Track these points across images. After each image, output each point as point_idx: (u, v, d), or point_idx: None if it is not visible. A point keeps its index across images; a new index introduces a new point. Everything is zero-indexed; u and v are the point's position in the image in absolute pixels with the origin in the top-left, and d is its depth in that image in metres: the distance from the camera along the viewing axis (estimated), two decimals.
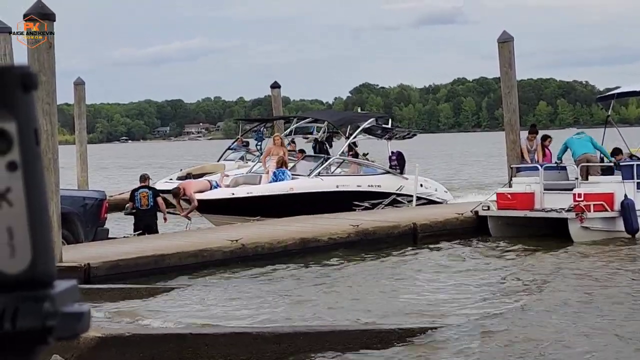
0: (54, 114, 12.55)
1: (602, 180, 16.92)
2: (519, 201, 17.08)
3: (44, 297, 0.95)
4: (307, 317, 10.42)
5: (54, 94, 12.55)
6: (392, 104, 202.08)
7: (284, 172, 19.83)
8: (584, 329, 9.63)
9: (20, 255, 0.96)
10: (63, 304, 0.95)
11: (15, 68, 0.97)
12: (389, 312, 10.64)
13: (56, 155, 12.41)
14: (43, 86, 12.11)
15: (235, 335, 8.53)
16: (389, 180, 20.80)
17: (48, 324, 0.94)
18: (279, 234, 15.51)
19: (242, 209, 18.77)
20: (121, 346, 7.97)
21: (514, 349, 8.89)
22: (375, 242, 15.97)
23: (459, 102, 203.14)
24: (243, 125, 32.73)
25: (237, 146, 28.88)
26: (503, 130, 19.89)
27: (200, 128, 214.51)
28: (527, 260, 14.75)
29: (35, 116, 0.98)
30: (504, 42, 19.30)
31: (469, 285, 12.49)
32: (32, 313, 0.94)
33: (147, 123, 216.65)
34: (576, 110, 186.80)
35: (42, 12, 12.36)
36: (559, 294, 11.68)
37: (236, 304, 11.36)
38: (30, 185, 0.96)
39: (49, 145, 12.12)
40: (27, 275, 0.95)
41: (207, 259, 14.02)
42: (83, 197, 15.94)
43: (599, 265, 13.93)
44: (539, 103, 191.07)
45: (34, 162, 0.97)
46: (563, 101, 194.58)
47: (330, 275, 13.41)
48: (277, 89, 29.39)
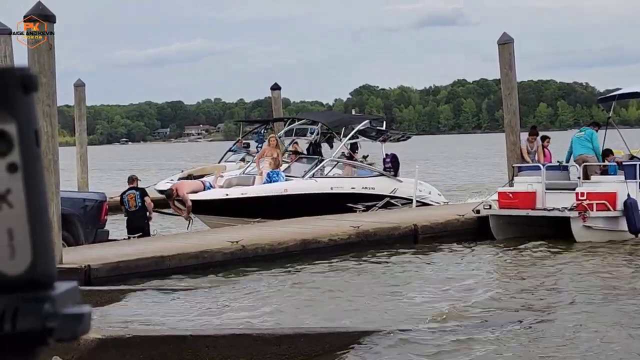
0: (55, 115, 12.55)
1: (605, 179, 16.90)
2: (521, 200, 17.08)
3: (44, 299, 0.95)
4: (308, 319, 10.41)
5: (55, 96, 12.55)
6: (392, 106, 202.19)
7: (278, 173, 19.80)
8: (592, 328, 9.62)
9: (21, 256, 0.96)
10: (63, 306, 0.95)
11: (15, 69, 0.97)
12: (389, 314, 10.63)
13: (56, 156, 12.41)
14: (43, 88, 12.12)
15: (236, 337, 8.53)
16: (383, 183, 20.75)
17: (48, 325, 0.94)
18: (279, 236, 15.50)
19: (236, 210, 18.72)
20: (121, 347, 7.97)
21: (520, 350, 8.89)
22: (375, 244, 15.96)
23: (459, 103, 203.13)
24: (243, 127, 32.76)
25: (237, 148, 28.89)
26: (503, 132, 19.89)
27: (200, 129, 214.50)
28: (528, 260, 14.74)
29: (36, 117, 0.98)
30: (504, 44, 19.31)
31: (470, 286, 12.47)
32: (32, 314, 0.94)
33: (148, 124, 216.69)
34: (576, 112, 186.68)
35: (42, 14, 12.37)
36: (563, 294, 11.68)
37: (236, 306, 11.35)
38: (31, 187, 0.96)
39: (50, 146, 12.12)
40: (27, 277, 0.95)
41: (207, 260, 14.01)
42: (83, 199, 15.96)
43: (603, 265, 13.95)
44: (539, 104, 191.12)
45: (34, 164, 0.97)
46: (563, 103, 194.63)
47: (331, 277, 13.40)
48: (278, 91, 29.41)
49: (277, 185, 19.50)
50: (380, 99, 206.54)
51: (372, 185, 20.58)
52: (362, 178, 20.86)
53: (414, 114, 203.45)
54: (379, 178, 20.88)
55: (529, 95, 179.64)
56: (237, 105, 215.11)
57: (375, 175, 20.99)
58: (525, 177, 17.71)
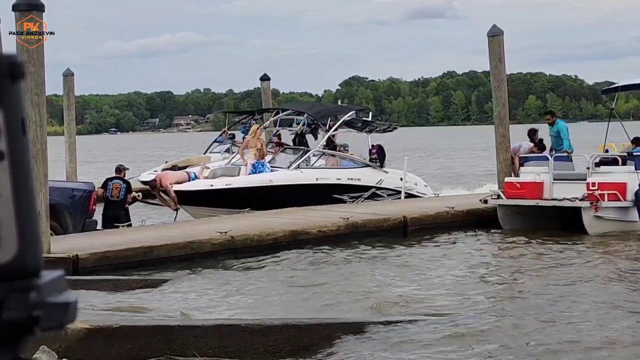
0: (43, 104, 12.51)
1: (615, 170, 16.83)
2: (528, 190, 17.12)
3: (31, 287, 0.94)
4: (296, 310, 10.42)
5: (43, 85, 12.50)
6: (382, 97, 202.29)
7: (263, 164, 19.73)
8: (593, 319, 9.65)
9: (7, 245, 0.95)
10: (49, 294, 0.95)
11: (2, 57, 0.96)
12: (378, 305, 10.65)
13: (45, 146, 12.37)
14: (32, 77, 12.07)
15: (224, 327, 8.52)
16: (368, 174, 20.69)
17: (34, 314, 0.93)
18: (268, 226, 15.49)
19: (221, 200, 18.67)
20: (109, 338, 7.96)
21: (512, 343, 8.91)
22: (365, 235, 15.97)
23: (448, 95, 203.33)
24: (231, 117, 32.68)
25: (223, 139, 28.84)
26: (492, 124, 19.91)
27: (189, 120, 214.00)
28: (521, 252, 14.76)
29: (23, 106, 0.98)
30: (494, 36, 19.31)
31: (460, 277, 12.50)
32: (19, 303, 0.93)
33: (136, 114, 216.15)
34: (565, 104, 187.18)
35: (31, 3, 12.31)
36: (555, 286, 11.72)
37: (225, 296, 11.36)
38: (17, 176, 0.96)
39: (38, 136, 12.09)
40: (13, 266, 0.95)
41: (196, 250, 14.00)
42: (72, 189, 15.91)
43: (618, 255, 14.04)
44: (528, 97, 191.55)
45: (21, 152, 0.96)
46: (552, 95, 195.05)
47: (320, 268, 13.40)
48: (267, 82, 29.32)
49: (262, 176, 19.43)
50: (370, 90, 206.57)
51: (358, 176, 20.53)
52: (348, 169, 20.78)
53: (403, 105, 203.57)
54: (364, 169, 20.81)
55: (519, 88, 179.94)
56: (227, 96, 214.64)
57: (361, 166, 20.92)
58: (532, 167, 17.76)
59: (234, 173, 20.03)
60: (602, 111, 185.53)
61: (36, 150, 11.80)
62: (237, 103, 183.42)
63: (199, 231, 14.99)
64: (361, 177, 20.55)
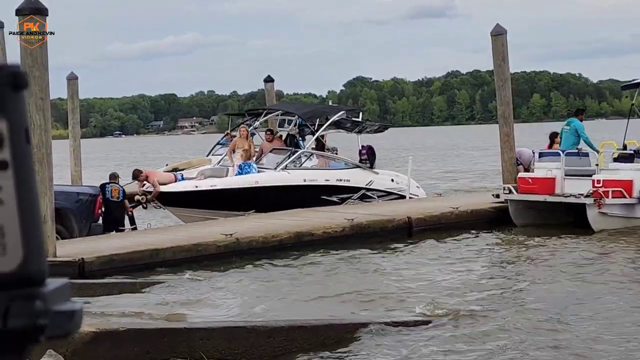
0: (48, 108, 12.51)
1: (622, 167, 16.94)
2: (540, 186, 17.26)
3: (36, 296, 0.95)
4: (302, 311, 10.42)
5: (47, 89, 12.51)
6: (386, 97, 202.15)
7: (249, 165, 19.45)
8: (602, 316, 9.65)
9: (12, 253, 0.96)
10: (54, 303, 0.95)
11: (5, 67, 0.97)
12: (383, 306, 10.65)
13: (50, 150, 12.38)
14: (36, 81, 12.08)
15: (230, 329, 8.53)
16: (358, 175, 20.37)
17: (39, 323, 0.94)
18: (273, 228, 15.49)
19: (206, 202, 18.42)
20: (115, 341, 7.97)
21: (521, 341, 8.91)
22: (370, 236, 15.96)
23: (452, 94, 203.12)
24: (234, 119, 32.63)
25: (225, 141, 28.82)
26: (497, 123, 19.89)
27: (193, 122, 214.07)
28: (526, 251, 14.76)
29: (26, 115, 0.98)
30: (497, 35, 19.29)
31: (465, 277, 12.49)
32: (24, 311, 0.94)
33: (141, 117, 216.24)
34: (570, 103, 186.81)
35: (35, 7, 12.33)
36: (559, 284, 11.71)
37: (230, 298, 11.36)
38: (21, 184, 0.96)
39: (43, 140, 12.10)
40: (18, 274, 0.95)
41: (201, 253, 14.01)
42: (77, 193, 15.94)
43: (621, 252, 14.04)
44: (532, 95, 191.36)
45: (24, 161, 0.97)
46: (556, 93, 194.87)
47: (325, 269, 13.40)
48: (271, 83, 29.29)
49: (248, 177, 19.16)
50: (374, 90, 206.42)
51: (347, 177, 20.19)
52: (337, 170, 20.45)
53: (407, 105, 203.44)
54: (354, 170, 20.48)
55: (523, 86, 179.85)
56: (231, 98, 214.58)
57: (351, 167, 20.61)
58: (545, 163, 17.83)
59: (222, 174, 19.69)
60: (607, 109, 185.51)
61: (41, 155, 11.81)
62: (242, 105, 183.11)
63: (204, 233, 15.00)
64: (350, 178, 20.21)
